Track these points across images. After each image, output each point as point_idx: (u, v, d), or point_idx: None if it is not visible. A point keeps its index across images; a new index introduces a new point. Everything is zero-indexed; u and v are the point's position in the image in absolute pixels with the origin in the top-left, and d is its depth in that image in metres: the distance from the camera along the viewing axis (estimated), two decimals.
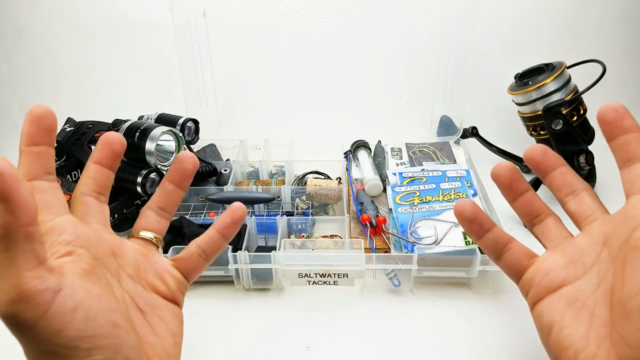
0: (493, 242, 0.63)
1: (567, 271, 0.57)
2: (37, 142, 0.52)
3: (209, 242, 0.65)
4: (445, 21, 1.25)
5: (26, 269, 0.44)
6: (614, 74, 1.19)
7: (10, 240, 0.42)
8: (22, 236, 0.43)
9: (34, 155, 0.52)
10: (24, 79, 1.57)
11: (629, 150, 0.55)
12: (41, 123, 0.51)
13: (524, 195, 0.63)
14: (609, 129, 0.55)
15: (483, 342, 0.83)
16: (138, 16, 1.53)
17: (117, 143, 0.60)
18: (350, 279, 0.91)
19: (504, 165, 0.63)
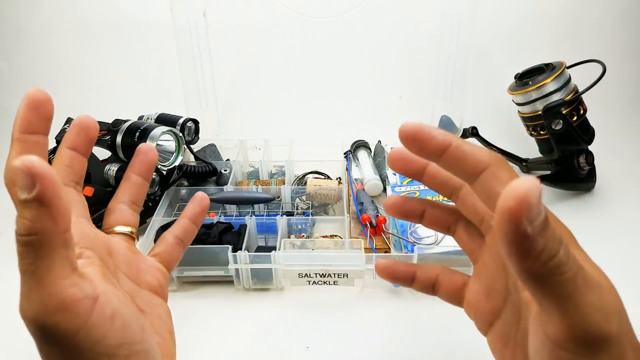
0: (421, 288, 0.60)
1: (489, 303, 0.54)
2: (35, 130, 0.47)
3: (184, 231, 0.63)
4: (445, 21, 1.25)
5: (62, 277, 0.42)
6: (614, 74, 1.19)
7: (49, 247, 0.40)
8: (60, 242, 0.41)
9: (32, 145, 0.47)
10: (24, 79, 1.57)
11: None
12: (40, 110, 0.47)
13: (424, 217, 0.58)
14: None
15: (483, 342, 0.83)
16: (138, 16, 1.53)
17: (94, 128, 0.55)
18: (350, 279, 0.91)
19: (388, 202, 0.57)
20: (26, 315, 0.43)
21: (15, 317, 0.47)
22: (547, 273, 0.37)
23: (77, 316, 0.43)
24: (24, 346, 0.84)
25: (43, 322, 0.42)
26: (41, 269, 0.41)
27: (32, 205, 0.38)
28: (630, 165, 1.32)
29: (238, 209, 1.11)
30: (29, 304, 0.42)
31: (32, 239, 0.39)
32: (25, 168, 0.36)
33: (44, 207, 0.38)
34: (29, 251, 0.40)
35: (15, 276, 0.73)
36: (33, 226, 0.38)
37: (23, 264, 0.41)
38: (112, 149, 1.07)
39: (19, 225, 0.39)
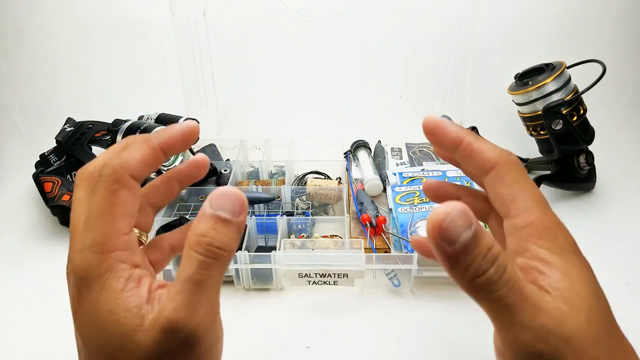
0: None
1: None
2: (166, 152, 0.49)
3: (181, 240, 0.58)
4: (445, 21, 1.25)
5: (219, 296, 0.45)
6: (614, 74, 1.19)
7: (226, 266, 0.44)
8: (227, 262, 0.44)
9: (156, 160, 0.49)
10: (24, 79, 1.56)
11: None
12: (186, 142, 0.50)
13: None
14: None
15: (482, 342, 0.83)
16: (138, 16, 1.53)
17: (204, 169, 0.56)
18: (350, 279, 0.91)
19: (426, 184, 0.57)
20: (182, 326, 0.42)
21: (14, 315, 0.47)
22: (476, 289, 0.40)
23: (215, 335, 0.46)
24: (24, 344, 0.84)
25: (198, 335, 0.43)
26: (216, 284, 0.44)
27: (233, 228, 0.43)
28: (630, 165, 1.32)
29: None
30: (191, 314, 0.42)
31: (224, 254, 0.43)
32: (241, 198, 0.43)
33: (238, 233, 0.44)
34: (217, 264, 0.43)
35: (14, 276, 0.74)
36: (229, 244, 0.43)
37: (203, 274, 0.42)
38: None
39: (216, 238, 0.42)
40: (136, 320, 0.42)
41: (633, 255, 1.02)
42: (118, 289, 0.43)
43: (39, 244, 1.10)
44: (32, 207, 1.21)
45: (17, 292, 0.96)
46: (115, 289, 0.43)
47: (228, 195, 0.43)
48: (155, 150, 0.48)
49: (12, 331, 0.87)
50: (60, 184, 1.07)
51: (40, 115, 1.53)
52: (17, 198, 1.25)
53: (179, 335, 0.42)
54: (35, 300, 0.93)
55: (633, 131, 1.46)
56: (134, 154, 0.47)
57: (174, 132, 0.49)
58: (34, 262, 1.03)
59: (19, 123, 1.51)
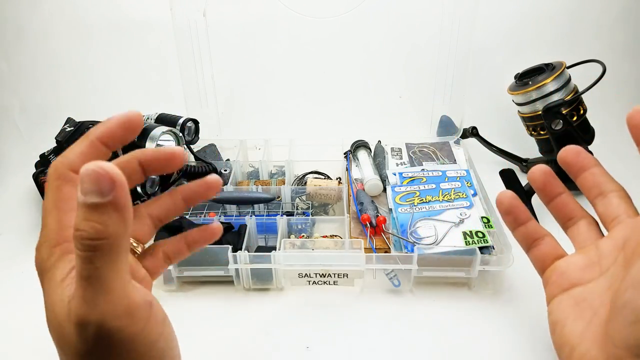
0: (524, 236, 0.63)
1: (582, 272, 0.57)
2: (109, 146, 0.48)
3: (175, 251, 0.59)
4: (445, 21, 1.25)
5: (127, 281, 0.44)
6: (614, 74, 1.19)
7: (117, 251, 0.41)
8: (125, 247, 0.42)
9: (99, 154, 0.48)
10: (24, 79, 1.56)
11: None
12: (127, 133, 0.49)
13: (558, 198, 0.62)
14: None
15: (483, 342, 0.83)
16: (138, 16, 1.53)
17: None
18: (350, 279, 0.91)
19: (539, 168, 0.62)
20: (89, 320, 0.42)
21: (14, 315, 0.47)
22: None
23: (139, 320, 0.44)
24: (24, 344, 0.84)
25: (109, 327, 0.42)
26: (109, 274, 0.41)
27: (106, 209, 0.39)
28: (630, 165, 1.31)
29: (238, 209, 1.11)
30: (93, 308, 0.42)
31: (102, 243, 0.40)
32: (105, 172, 0.38)
33: (117, 212, 0.39)
34: (97, 256, 0.40)
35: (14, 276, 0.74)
36: (105, 230, 0.39)
37: (88, 268, 0.41)
38: None
39: (86, 229, 0.39)
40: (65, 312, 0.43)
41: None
42: (59, 279, 0.44)
43: None
44: (32, 207, 1.21)
45: (16, 292, 0.96)
46: (56, 280, 0.44)
47: (91, 175, 0.38)
48: (93, 143, 0.47)
49: (11, 331, 0.87)
50: None
51: (40, 115, 1.53)
52: (17, 198, 1.25)
53: (89, 329, 0.42)
54: (35, 300, 0.93)
55: None
56: (74, 149, 0.48)
57: (111, 123, 0.48)
58: (34, 262, 1.03)
59: (19, 123, 1.52)
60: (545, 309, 0.75)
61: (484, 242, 0.92)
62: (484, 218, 0.99)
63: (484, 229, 0.95)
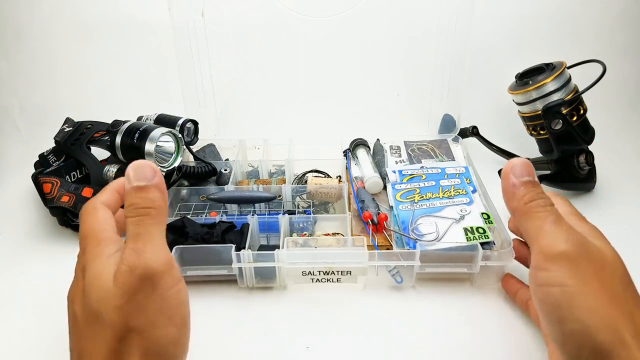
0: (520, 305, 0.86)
1: None
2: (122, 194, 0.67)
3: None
4: (442, 19, 1.25)
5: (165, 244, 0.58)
6: (614, 74, 1.20)
7: (160, 218, 0.58)
8: (164, 219, 0.59)
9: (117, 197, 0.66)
10: (24, 78, 1.56)
11: None
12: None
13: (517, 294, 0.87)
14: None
15: (485, 337, 0.83)
16: (137, 16, 1.53)
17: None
18: (354, 276, 0.91)
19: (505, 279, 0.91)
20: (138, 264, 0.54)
21: (14, 315, 0.48)
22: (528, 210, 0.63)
23: (174, 275, 0.57)
24: (24, 345, 0.84)
25: (154, 269, 0.55)
26: (155, 232, 0.57)
27: (152, 189, 0.58)
28: (630, 165, 1.32)
29: (239, 208, 1.11)
30: (142, 255, 0.55)
31: (151, 210, 0.57)
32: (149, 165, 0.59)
33: (160, 192, 0.59)
34: (148, 219, 0.57)
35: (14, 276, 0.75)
36: (153, 202, 0.58)
37: (140, 228, 0.56)
38: (111, 150, 1.07)
39: (140, 201, 0.57)
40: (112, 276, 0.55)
41: (633, 255, 1.01)
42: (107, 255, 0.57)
43: (38, 245, 1.10)
44: (32, 207, 1.20)
45: (16, 292, 0.96)
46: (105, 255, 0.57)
47: (138, 168, 0.58)
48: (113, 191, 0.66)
49: (11, 332, 0.87)
50: (60, 184, 1.07)
51: (40, 115, 1.53)
52: (16, 198, 1.25)
53: (136, 271, 0.54)
54: (34, 300, 0.93)
55: (633, 131, 1.46)
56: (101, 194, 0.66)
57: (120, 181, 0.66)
58: (34, 262, 1.03)
59: (19, 123, 1.51)
60: None
61: (485, 237, 0.92)
62: (484, 214, 1.00)
63: (484, 225, 0.96)
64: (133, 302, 0.54)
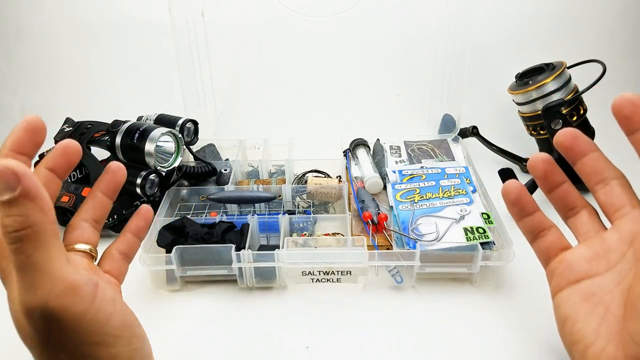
0: (529, 227, 0.64)
1: (589, 265, 0.57)
2: (23, 152, 0.51)
3: (128, 246, 0.65)
4: (442, 20, 1.25)
5: (63, 264, 0.46)
6: (614, 74, 1.19)
7: (44, 237, 0.44)
8: (52, 232, 0.45)
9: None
10: (24, 78, 1.57)
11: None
12: (34, 135, 0.51)
13: (559, 188, 0.63)
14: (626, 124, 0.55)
15: (485, 337, 0.83)
16: (137, 16, 1.53)
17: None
18: (354, 276, 0.91)
19: (539, 156, 0.63)
20: (32, 305, 0.45)
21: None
22: None
23: (83, 299, 0.47)
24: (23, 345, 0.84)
25: (53, 307, 0.45)
26: (41, 259, 0.45)
27: (20, 202, 0.43)
28: (630, 165, 1.31)
29: (239, 208, 1.11)
30: (33, 294, 0.45)
31: (27, 232, 0.43)
32: (7, 169, 0.42)
33: (32, 201, 0.43)
34: (26, 245, 0.44)
35: None
36: (25, 220, 0.43)
37: (20, 258, 0.44)
38: (111, 150, 1.07)
39: (9, 223, 0.43)
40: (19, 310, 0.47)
41: None
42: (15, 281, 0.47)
43: None
44: None
45: None
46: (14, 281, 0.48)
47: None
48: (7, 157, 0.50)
49: (11, 331, 0.87)
50: None
51: (40, 115, 1.52)
52: None
53: (36, 314, 0.46)
54: None
55: None
56: None
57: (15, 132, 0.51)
58: None
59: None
60: (546, 303, 0.75)
61: (485, 237, 0.92)
62: (484, 214, 1.00)
63: (484, 225, 0.96)
64: (50, 341, 0.48)
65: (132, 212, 1.05)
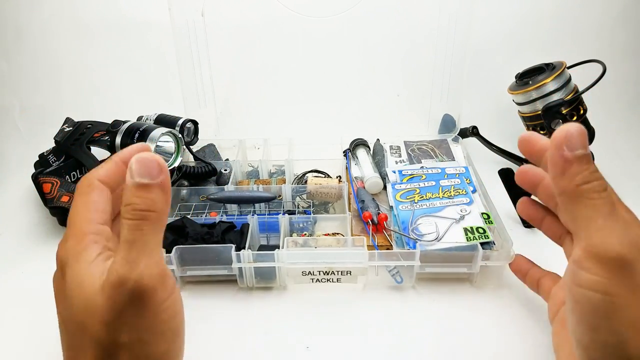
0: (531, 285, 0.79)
1: (563, 293, 0.60)
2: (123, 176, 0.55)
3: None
4: (442, 20, 1.25)
5: (160, 253, 0.52)
6: (614, 74, 1.19)
7: (159, 225, 0.52)
8: (164, 225, 0.53)
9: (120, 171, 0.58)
10: (24, 79, 1.56)
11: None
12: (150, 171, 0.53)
13: (543, 223, 0.69)
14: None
15: (485, 337, 0.83)
16: (137, 16, 1.53)
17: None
18: (354, 276, 0.91)
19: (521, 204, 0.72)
20: (129, 277, 0.49)
21: (14, 315, 0.48)
22: (579, 194, 0.52)
23: (167, 288, 0.52)
24: (23, 345, 0.84)
25: (146, 284, 0.49)
26: (151, 241, 0.51)
27: (155, 189, 0.51)
28: (630, 165, 1.32)
29: (239, 208, 1.11)
30: (134, 267, 0.49)
31: (151, 214, 0.50)
32: (156, 160, 0.51)
33: (164, 193, 0.51)
34: (146, 224, 0.50)
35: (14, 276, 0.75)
36: (154, 205, 0.51)
37: (136, 234, 0.50)
38: (111, 150, 1.06)
39: (138, 202, 0.50)
40: (97, 286, 0.50)
41: None
42: (89, 260, 0.52)
43: (38, 245, 1.10)
44: (32, 207, 1.20)
45: (16, 292, 0.96)
46: (87, 261, 0.52)
47: (143, 162, 0.51)
48: (116, 163, 0.58)
49: (11, 332, 0.87)
50: (59, 185, 1.07)
51: (40, 115, 1.53)
52: (17, 198, 1.25)
53: (127, 286, 0.49)
54: (34, 300, 0.93)
55: (633, 131, 1.46)
56: (103, 166, 0.58)
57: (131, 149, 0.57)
58: (34, 262, 1.03)
59: (19, 123, 1.51)
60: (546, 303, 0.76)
61: (485, 237, 0.92)
62: (484, 214, 1.00)
63: (484, 225, 0.96)
64: (122, 319, 0.50)
65: None
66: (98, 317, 0.50)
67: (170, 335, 0.54)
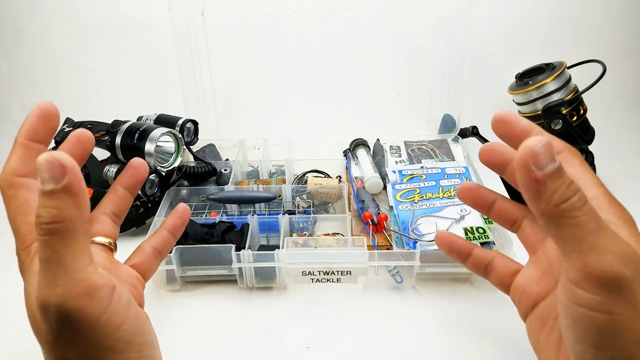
0: (475, 266, 0.62)
1: (540, 286, 0.55)
2: (39, 139, 0.51)
3: (162, 243, 0.64)
4: (442, 20, 1.25)
5: (86, 264, 0.45)
6: (614, 74, 1.20)
7: (74, 235, 0.44)
8: (82, 231, 0.44)
9: (34, 152, 0.51)
10: (24, 79, 1.57)
11: None
12: (48, 121, 0.51)
13: (493, 208, 0.61)
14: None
15: (485, 336, 0.83)
16: (137, 16, 1.53)
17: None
18: (354, 276, 0.91)
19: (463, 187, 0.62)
20: (49, 301, 0.44)
21: (14, 315, 0.48)
22: (560, 214, 0.44)
23: (100, 302, 0.46)
24: (23, 345, 0.84)
25: (69, 307, 0.44)
26: (67, 256, 0.44)
27: (60, 195, 0.42)
28: (630, 165, 1.32)
29: (239, 208, 1.11)
30: (52, 290, 0.44)
31: (59, 226, 0.42)
32: (56, 161, 0.41)
33: (71, 197, 0.42)
34: (55, 239, 0.43)
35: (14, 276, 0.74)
36: (60, 214, 0.42)
37: (47, 252, 0.43)
38: (111, 150, 1.06)
39: (44, 214, 0.42)
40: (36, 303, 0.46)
41: None
42: (34, 273, 0.47)
43: None
44: None
45: (16, 292, 0.96)
46: (32, 274, 0.48)
47: (44, 164, 0.41)
48: (24, 144, 0.51)
49: (11, 332, 0.87)
50: None
51: None
52: None
53: (51, 311, 0.44)
54: None
55: (633, 131, 1.46)
56: (10, 157, 0.51)
57: (29, 120, 0.51)
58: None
59: (19, 123, 1.50)
60: None
61: (485, 237, 0.93)
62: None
63: (484, 225, 0.96)
64: (61, 340, 0.47)
65: (132, 212, 1.06)
66: (43, 336, 0.48)
67: (123, 346, 0.49)
